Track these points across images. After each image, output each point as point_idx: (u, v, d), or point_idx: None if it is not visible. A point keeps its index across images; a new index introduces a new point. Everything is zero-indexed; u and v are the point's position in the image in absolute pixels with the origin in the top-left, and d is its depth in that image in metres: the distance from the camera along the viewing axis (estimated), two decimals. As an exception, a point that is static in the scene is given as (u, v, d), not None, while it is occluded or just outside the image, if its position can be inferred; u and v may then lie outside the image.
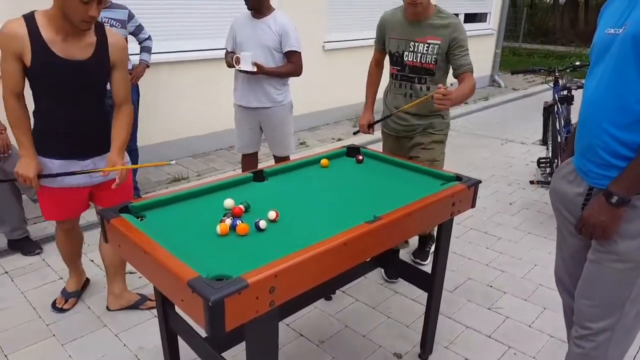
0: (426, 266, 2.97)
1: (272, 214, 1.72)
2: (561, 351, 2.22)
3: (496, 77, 9.50)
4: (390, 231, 1.70)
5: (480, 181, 2.10)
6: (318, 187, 2.08)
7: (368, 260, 2.48)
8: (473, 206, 2.10)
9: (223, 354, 1.72)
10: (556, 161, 4.01)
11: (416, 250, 3.13)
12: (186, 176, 4.49)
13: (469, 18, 8.80)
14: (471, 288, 2.85)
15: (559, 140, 3.96)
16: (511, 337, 2.44)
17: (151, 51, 3.95)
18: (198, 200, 1.90)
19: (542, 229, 3.59)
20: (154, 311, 2.59)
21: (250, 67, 3.01)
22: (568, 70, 4.41)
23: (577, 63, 4.38)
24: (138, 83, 3.92)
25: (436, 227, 2.10)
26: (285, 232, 1.65)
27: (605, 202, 1.43)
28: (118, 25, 3.63)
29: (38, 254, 3.20)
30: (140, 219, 1.70)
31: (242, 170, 3.64)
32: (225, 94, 4.11)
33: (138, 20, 3.79)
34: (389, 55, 2.67)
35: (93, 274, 2.90)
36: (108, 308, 2.62)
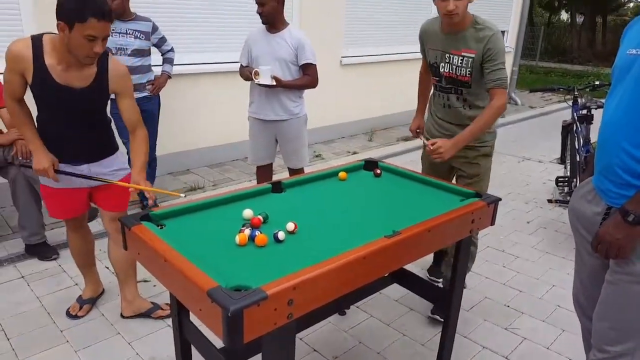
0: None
1: (291, 226, 1.71)
2: (581, 375, 2.16)
3: (513, 95, 9.46)
4: (409, 246, 1.68)
5: (500, 199, 2.07)
6: (336, 200, 2.07)
7: (385, 275, 2.46)
8: (492, 224, 2.07)
9: (237, 366, 1.71)
10: (575, 180, 3.96)
11: (431, 266, 3.09)
12: (202, 186, 4.52)
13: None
14: (488, 307, 2.80)
15: (578, 159, 3.92)
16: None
17: (173, 63, 4.02)
18: (217, 210, 1.91)
19: (561, 249, 3.53)
20: (168, 321, 2.59)
21: (269, 81, 3.04)
22: (587, 89, 4.37)
23: (597, 82, 4.35)
24: (160, 94, 3.98)
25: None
26: (303, 244, 1.64)
27: (621, 220, 1.41)
28: (142, 37, 3.69)
29: (54, 259, 3.23)
30: (160, 227, 1.70)
31: (257, 181, 3.65)
32: (241, 106, 4.14)
33: (161, 32, 3.86)
34: (429, 65, 2.58)
35: (107, 281, 2.91)
36: (122, 315, 2.63)
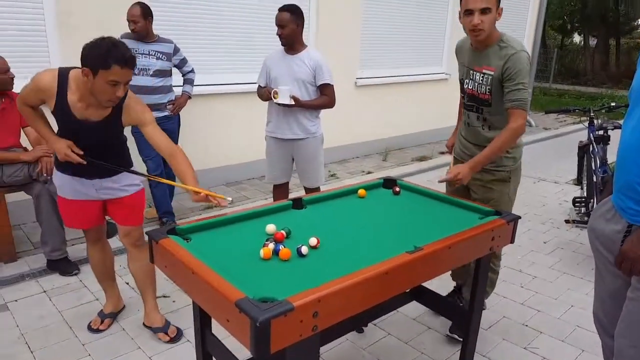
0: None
1: (313, 241, 1.75)
2: (603, 397, 2.13)
3: (527, 117, 9.47)
4: (430, 262, 1.70)
5: (519, 217, 2.09)
6: (356, 217, 2.11)
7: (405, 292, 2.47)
8: (512, 241, 2.08)
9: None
10: (592, 201, 3.94)
11: (452, 326, 2.70)
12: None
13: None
14: (506, 327, 2.78)
15: (595, 180, 3.91)
16: (549, 380, 2.37)
17: (193, 83, 4.13)
18: (240, 225, 1.95)
19: (578, 270, 3.50)
20: (188, 336, 2.61)
21: (288, 100, 3.12)
22: (603, 110, 4.38)
23: (613, 104, 4.36)
24: (180, 114, 4.08)
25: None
26: (326, 259, 1.67)
27: None
28: (164, 57, 3.81)
29: (75, 275, 3.29)
30: (186, 241, 1.75)
31: (274, 200, 3.69)
32: (257, 126, 4.22)
33: (183, 54, 3.98)
34: (459, 81, 2.57)
35: (127, 297, 2.95)
36: (144, 324, 2.69)
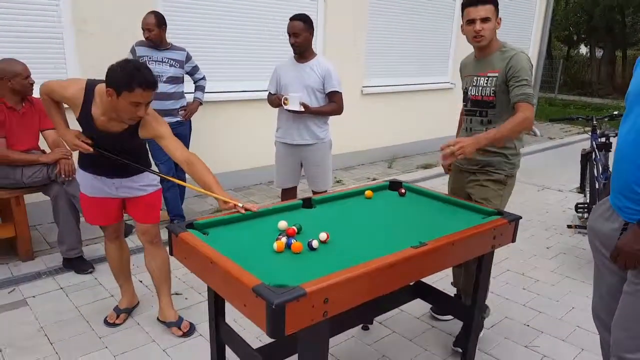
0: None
1: (323, 235, 1.85)
2: (601, 392, 2.20)
3: (532, 126, 9.56)
4: (434, 257, 1.80)
5: (520, 217, 2.18)
6: (364, 215, 2.21)
7: (409, 289, 2.56)
8: (514, 240, 2.17)
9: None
10: (594, 207, 4.01)
11: (457, 337, 2.68)
12: (228, 208, 4.68)
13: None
14: (508, 326, 2.86)
15: (597, 186, 3.98)
16: (549, 376, 2.44)
17: (205, 90, 4.26)
18: (254, 221, 2.06)
19: (580, 274, 3.57)
20: (200, 330, 2.71)
21: (298, 107, 3.24)
22: (606, 119, 4.47)
23: (615, 113, 4.44)
24: (191, 119, 4.21)
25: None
26: (335, 252, 1.77)
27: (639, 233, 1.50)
28: (176, 65, 3.94)
29: (90, 273, 3.40)
30: (204, 235, 1.86)
31: (283, 203, 3.79)
32: (265, 132, 4.33)
33: (194, 61, 4.12)
34: (463, 94, 2.67)
35: (141, 294, 3.06)
36: (158, 319, 2.80)
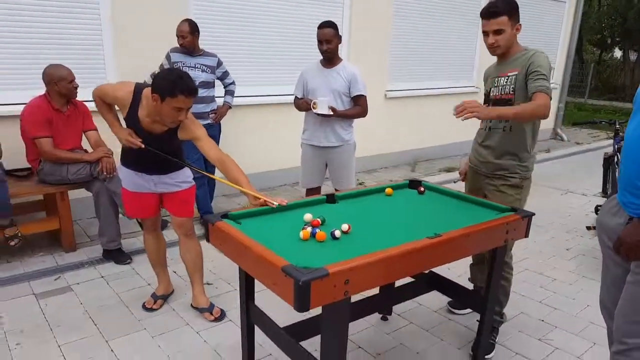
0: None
1: (345, 226, 2.02)
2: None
3: (559, 131, 9.52)
4: (448, 248, 1.95)
5: (533, 213, 2.30)
6: (384, 210, 2.37)
7: (426, 280, 2.70)
8: (526, 236, 2.29)
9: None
10: (604, 203, 4.04)
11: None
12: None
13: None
14: (524, 321, 2.96)
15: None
16: (560, 367, 2.55)
17: (234, 94, 4.46)
18: (282, 214, 2.25)
19: (598, 274, 3.50)
20: (230, 316, 2.92)
21: (326, 111, 3.40)
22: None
23: (639, 117, 4.47)
24: (221, 122, 4.42)
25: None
26: (356, 241, 1.94)
27: None
28: (208, 70, 4.13)
29: (128, 264, 3.65)
30: (238, 224, 2.05)
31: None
32: (289, 136, 4.46)
33: (225, 67, 4.32)
34: (485, 97, 2.73)
35: (175, 284, 3.29)
36: (192, 305, 3.01)
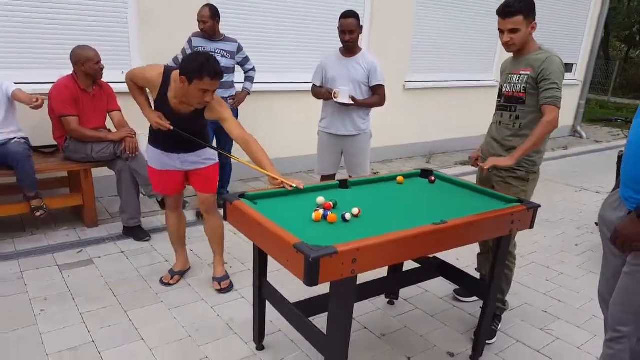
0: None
1: (356, 210, 2.12)
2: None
3: (578, 128, 9.43)
4: (453, 234, 2.03)
5: (539, 205, 2.37)
6: (394, 197, 2.46)
7: (433, 267, 2.79)
8: (531, 227, 2.36)
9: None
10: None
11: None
12: (271, 191, 5.01)
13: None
14: (527, 311, 3.04)
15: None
16: (558, 355, 2.62)
17: (253, 81, 4.53)
18: (296, 196, 2.35)
19: (606, 271, 3.66)
20: (242, 292, 3.06)
21: (347, 100, 3.48)
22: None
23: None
24: (238, 108, 4.51)
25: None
26: (366, 224, 2.04)
27: (636, 218, 1.69)
28: (228, 56, 4.19)
29: (147, 241, 3.80)
30: (254, 204, 2.16)
31: (322, 189, 4.06)
32: (305, 123, 4.49)
33: (245, 52, 4.39)
34: (499, 91, 2.80)
35: (192, 262, 3.43)
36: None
